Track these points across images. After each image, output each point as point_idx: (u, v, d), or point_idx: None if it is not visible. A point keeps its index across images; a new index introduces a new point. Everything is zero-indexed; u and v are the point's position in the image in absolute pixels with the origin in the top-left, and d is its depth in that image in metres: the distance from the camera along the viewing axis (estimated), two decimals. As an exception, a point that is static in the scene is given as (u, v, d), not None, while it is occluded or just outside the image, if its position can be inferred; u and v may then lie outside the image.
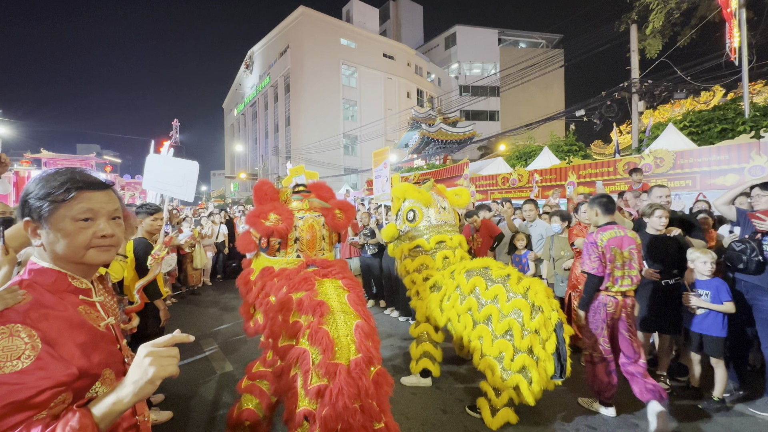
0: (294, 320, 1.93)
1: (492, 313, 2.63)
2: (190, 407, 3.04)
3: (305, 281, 2.05)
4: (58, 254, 0.86)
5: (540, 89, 37.39)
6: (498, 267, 2.90)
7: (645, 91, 11.22)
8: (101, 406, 0.74)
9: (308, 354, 1.78)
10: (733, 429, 2.66)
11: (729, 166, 6.59)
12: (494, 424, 2.59)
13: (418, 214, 3.40)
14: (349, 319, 1.89)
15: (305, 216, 2.45)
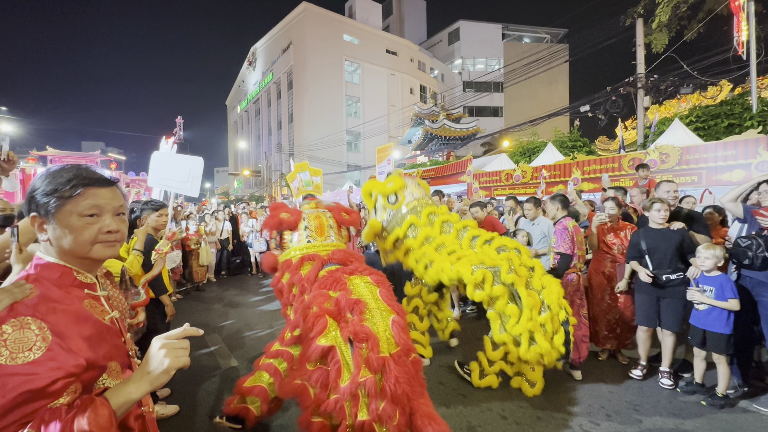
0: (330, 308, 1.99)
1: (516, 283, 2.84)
2: (195, 401, 3.08)
3: (337, 281, 2.13)
4: (64, 249, 0.88)
5: (544, 85, 37.11)
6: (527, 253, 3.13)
7: (651, 86, 11.11)
8: (118, 396, 0.77)
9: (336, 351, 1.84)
10: (736, 425, 2.65)
11: (736, 162, 6.52)
12: (481, 384, 3.14)
13: (400, 196, 3.46)
14: (385, 315, 1.99)
15: (313, 211, 2.82)
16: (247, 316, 5.45)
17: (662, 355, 3.34)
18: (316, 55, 29.70)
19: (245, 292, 6.98)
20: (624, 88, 11.53)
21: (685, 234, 3.23)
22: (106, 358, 0.86)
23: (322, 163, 22.59)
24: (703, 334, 2.93)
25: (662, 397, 3.05)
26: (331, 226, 2.77)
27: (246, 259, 8.67)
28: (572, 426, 2.67)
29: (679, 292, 3.14)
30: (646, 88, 11.07)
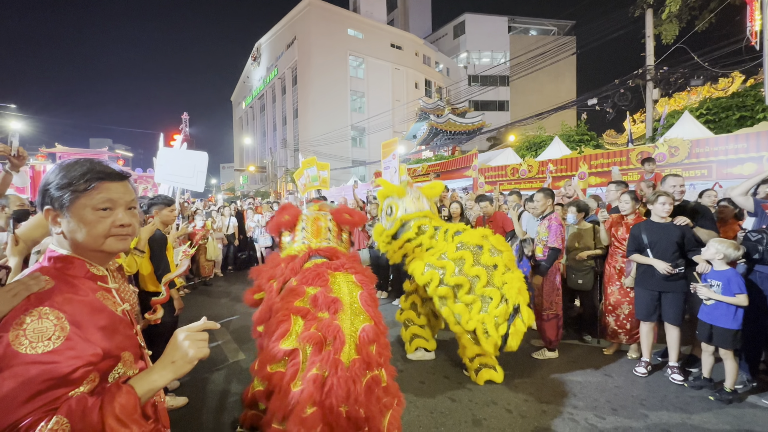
0: (301, 305, 1.96)
1: (463, 283, 3.07)
2: (204, 393, 3.13)
3: (319, 276, 2.06)
4: (77, 242, 0.89)
5: (551, 78, 36.60)
6: (488, 252, 3.14)
7: (660, 78, 10.91)
8: (143, 384, 0.81)
9: (322, 341, 1.80)
10: (744, 420, 2.64)
11: (747, 155, 6.39)
12: (479, 380, 3.18)
13: (395, 207, 3.69)
14: (357, 320, 1.93)
15: (312, 212, 2.78)
16: (254, 310, 5.49)
17: (668, 350, 3.32)
18: (320, 50, 29.58)
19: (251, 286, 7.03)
20: (633, 81, 11.34)
21: (686, 230, 3.21)
22: (120, 348, 0.88)
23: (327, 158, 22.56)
24: (710, 329, 2.90)
25: (669, 392, 3.03)
26: (330, 228, 2.71)
27: (252, 255, 8.74)
28: (577, 420, 2.67)
29: (680, 286, 3.18)
30: (656, 80, 10.89)
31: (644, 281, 3.32)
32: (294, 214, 2.69)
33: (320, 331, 1.82)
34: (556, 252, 3.60)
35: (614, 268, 3.78)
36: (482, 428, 2.59)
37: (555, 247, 3.58)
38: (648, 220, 3.39)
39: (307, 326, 1.86)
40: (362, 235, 6.52)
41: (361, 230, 6.47)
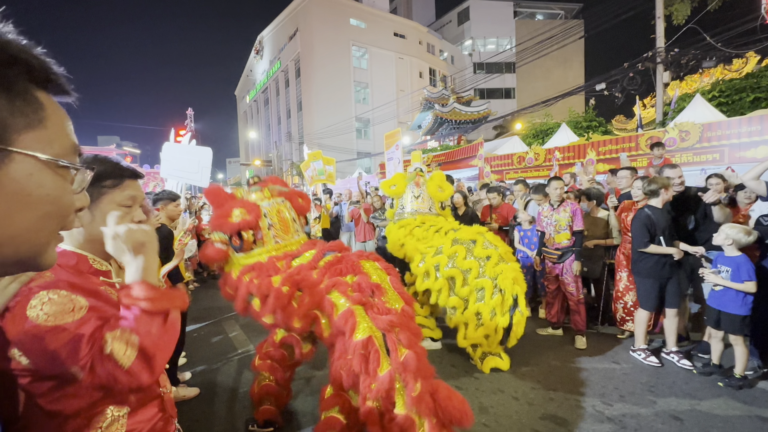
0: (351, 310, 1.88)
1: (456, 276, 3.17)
2: (215, 384, 3.19)
3: (352, 266, 2.06)
4: (93, 236, 0.89)
5: (558, 64, 35.85)
6: (481, 246, 3.23)
7: (671, 60, 10.60)
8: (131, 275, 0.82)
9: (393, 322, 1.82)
10: (755, 406, 2.61)
11: (761, 138, 6.22)
12: (484, 368, 3.21)
13: (395, 204, 3.82)
14: (394, 302, 1.96)
15: (270, 203, 2.42)
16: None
17: (667, 336, 3.34)
18: (322, 41, 29.31)
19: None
20: (642, 64, 11.05)
21: (670, 212, 3.35)
22: None
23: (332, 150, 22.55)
24: (719, 314, 2.88)
25: (678, 379, 3.02)
26: (294, 218, 2.50)
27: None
28: (585, 407, 2.67)
29: (679, 271, 3.24)
30: (666, 63, 10.58)
31: (655, 272, 3.24)
32: (253, 210, 2.27)
33: (384, 314, 1.83)
34: (582, 235, 3.69)
35: (623, 254, 3.78)
36: (489, 415, 2.61)
37: (581, 230, 3.67)
38: (651, 208, 3.29)
39: (370, 314, 1.84)
40: (368, 227, 6.54)
41: (367, 222, 6.49)
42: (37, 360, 0.72)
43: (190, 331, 4.49)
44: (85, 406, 0.79)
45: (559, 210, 3.76)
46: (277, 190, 2.51)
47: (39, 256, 0.48)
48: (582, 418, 2.55)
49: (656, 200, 3.29)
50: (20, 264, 0.47)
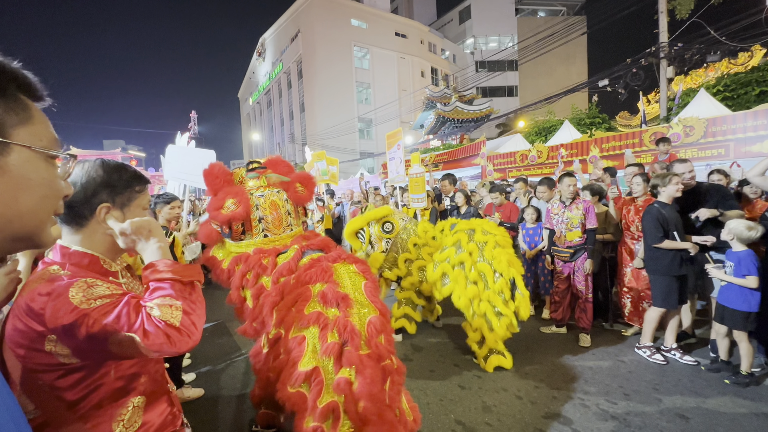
0: (312, 311, 1.84)
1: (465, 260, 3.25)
2: (219, 385, 3.22)
3: (324, 271, 1.94)
4: (104, 237, 0.93)
5: (561, 60, 35.64)
6: (480, 232, 3.33)
7: (674, 55, 10.50)
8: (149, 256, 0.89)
9: (341, 348, 1.72)
10: (761, 404, 2.58)
11: (766, 132, 6.15)
12: (488, 367, 3.20)
13: (394, 223, 3.75)
14: (364, 313, 1.85)
15: (265, 193, 2.28)
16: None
17: (668, 332, 3.32)
18: (324, 42, 29.37)
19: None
20: (646, 59, 10.95)
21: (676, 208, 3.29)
22: None
23: (335, 151, 22.58)
24: (723, 310, 2.86)
25: (684, 376, 2.99)
26: (289, 212, 2.34)
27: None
28: (588, 405, 2.66)
29: (691, 268, 3.23)
30: (670, 57, 10.48)
31: (671, 268, 3.16)
32: (244, 200, 2.17)
33: (338, 333, 1.74)
34: (595, 232, 3.69)
35: (625, 250, 3.78)
36: (492, 414, 2.60)
37: (594, 228, 3.66)
38: (662, 204, 3.24)
39: (323, 336, 1.75)
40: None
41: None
42: (81, 343, 0.75)
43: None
44: (109, 397, 0.82)
45: (572, 207, 3.72)
46: (275, 179, 2.35)
47: (40, 233, 0.58)
48: (586, 416, 2.54)
49: (662, 196, 3.26)
50: (25, 240, 0.56)
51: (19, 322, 0.76)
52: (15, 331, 0.76)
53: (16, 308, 0.78)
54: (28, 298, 0.77)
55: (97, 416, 0.81)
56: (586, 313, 3.65)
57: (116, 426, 0.83)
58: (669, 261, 3.17)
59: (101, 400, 0.81)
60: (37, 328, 0.74)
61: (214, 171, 2.29)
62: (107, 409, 0.82)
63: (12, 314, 0.78)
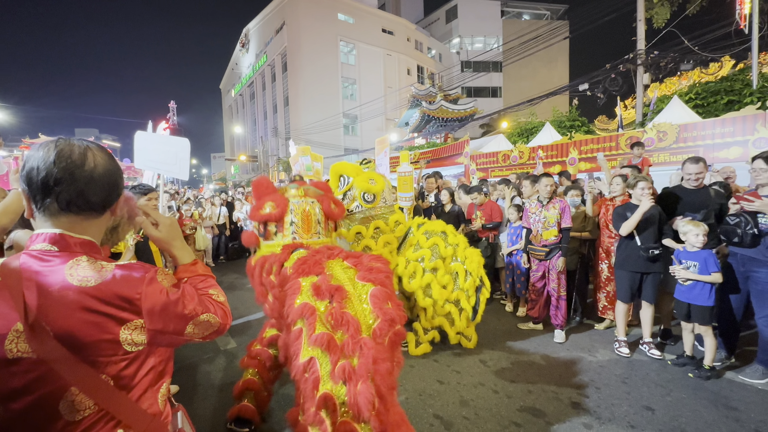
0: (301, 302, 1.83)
1: (438, 267, 3.39)
2: (195, 381, 3.15)
3: (316, 265, 1.96)
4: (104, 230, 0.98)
5: (544, 64, 36.40)
6: (452, 234, 3.50)
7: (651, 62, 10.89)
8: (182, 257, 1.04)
9: (333, 338, 1.69)
10: (722, 395, 2.73)
11: (733, 139, 6.47)
12: (417, 352, 3.44)
13: (377, 197, 3.64)
14: (363, 291, 1.84)
15: (299, 201, 2.51)
16: (246, 299, 5.51)
17: (643, 327, 3.47)
18: (310, 36, 28.96)
19: (243, 276, 7.03)
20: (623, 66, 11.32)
21: (660, 211, 3.36)
22: None
23: (319, 147, 22.37)
24: (688, 307, 3.01)
25: (651, 370, 3.12)
26: (319, 221, 2.52)
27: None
28: (561, 398, 2.74)
29: (659, 267, 3.33)
30: (646, 64, 10.87)
31: (628, 264, 3.41)
32: (281, 204, 2.44)
33: (331, 324, 1.72)
34: (569, 231, 3.79)
35: (602, 248, 3.96)
36: (469, 408, 2.65)
37: (569, 227, 3.75)
38: (629, 204, 3.49)
39: (310, 326, 1.73)
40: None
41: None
42: (167, 325, 0.83)
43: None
44: (155, 379, 0.88)
45: (548, 207, 3.82)
46: (312, 192, 2.62)
47: None
48: (558, 409, 2.62)
49: (633, 198, 3.47)
50: None
51: (90, 314, 0.76)
52: (83, 326, 0.75)
53: (82, 304, 0.75)
54: (110, 287, 0.78)
55: (147, 398, 0.86)
56: (560, 311, 3.75)
57: (161, 403, 0.91)
58: (625, 257, 3.42)
59: (149, 383, 0.87)
60: (121, 315, 0.78)
61: (262, 182, 2.64)
62: (154, 391, 0.89)
63: (69, 315, 0.75)
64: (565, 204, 3.78)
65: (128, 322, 0.79)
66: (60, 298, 0.74)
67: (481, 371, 3.17)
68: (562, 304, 3.76)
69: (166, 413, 0.94)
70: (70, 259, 0.79)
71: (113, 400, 0.79)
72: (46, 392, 0.74)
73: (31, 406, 0.73)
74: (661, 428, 2.39)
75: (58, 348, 0.73)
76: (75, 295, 0.75)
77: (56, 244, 0.81)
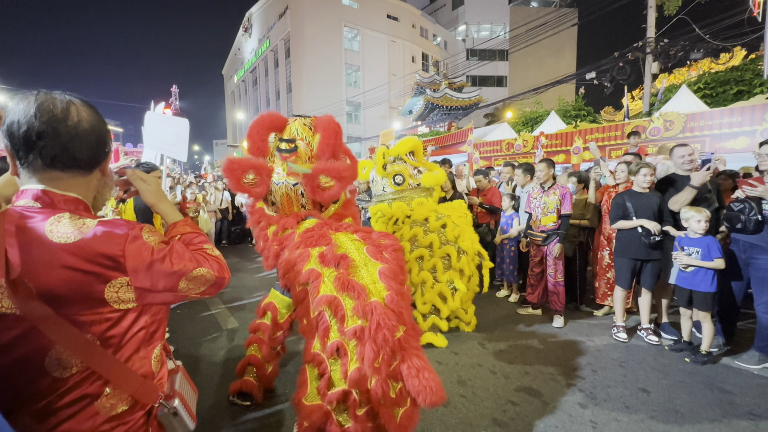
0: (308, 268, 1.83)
1: (424, 254, 3.36)
2: (198, 359, 3.20)
3: (322, 237, 1.95)
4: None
5: (551, 53, 35.76)
6: (434, 219, 3.41)
7: (660, 51, 10.68)
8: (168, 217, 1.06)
9: (340, 300, 1.71)
10: (717, 380, 2.76)
11: (741, 129, 6.38)
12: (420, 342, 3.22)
13: (405, 179, 3.61)
14: (372, 268, 1.85)
15: (280, 183, 2.24)
16: (247, 281, 5.56)
17: (641, 314, 3.50)
18: (314, 21, 28.51)
19: (245, 260, 7.09)
20: (632, 54, 11.11)
21: (661, 198, 3.35)
22: None
23: (322, 134, 22.17)
24: (690, 294, 3.01)
25: (648, 355, 3.15)
26: (303, 205, 2.37)
27: (246, 229, 8.74)
28: (558, 379, 2.78)
29: (658, 254, 3.32)
30: (655, 53, 10.66)
31: (627, 251, 3.41)
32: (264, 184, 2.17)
33: (335, 288, 1.74)
34: (569, 218, 3.75)
35: (603, 235, 3.97)
36: (467, 388, 2.69)
37: (568, 214, 3.71)
38: (629, 191, 3.49)
39: (315, 288, 1.76)
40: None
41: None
42: (156, 283, 0.81)
43: (173, 308, 4.46)
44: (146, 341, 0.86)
45: (549, 192, 3.80)
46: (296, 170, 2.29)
47: None
48: (555, 389, 2.65)
49: (635, 185, 3.47)
50: None
51: (71, 272, 0.73)
52: (65, 284, 0.73)
53: (61, 261, 0.73)
54: (90, 245, 0.75)
55: (138, 359, 0.85)
56: (558, 296, 3.77)
57: (154, 364, 0.90)
58: (625, 244, 3.42)
59: (140, 344, 0.85)
60: (105, 273, 0.76)
61: (265, 122, 2.19)
62: (146, 352, 0.87)
63: (49, 272, 0.73)
64: (566, 190, 3.76)
65: (112, 280, 0.76)
66: (40, 255, 0.73)
67: (480, 353, 3.21)
68: (560, 289, 3.77)
69: (160, 375, 0.93)
70: (52, 216, 0.77)
71: (99, 360, 0.77)
72: (31, 349, 0.73)
73: (17, 361, 0.73)
74: (655, 409, 2.43)
75: (41, 306, 0.72)
76: (55, 253, 0.73)
77: (39, 201, 0.78)
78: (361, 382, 1.61)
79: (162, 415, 0.92)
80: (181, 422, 0.94)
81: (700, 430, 2.23)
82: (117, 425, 0.82)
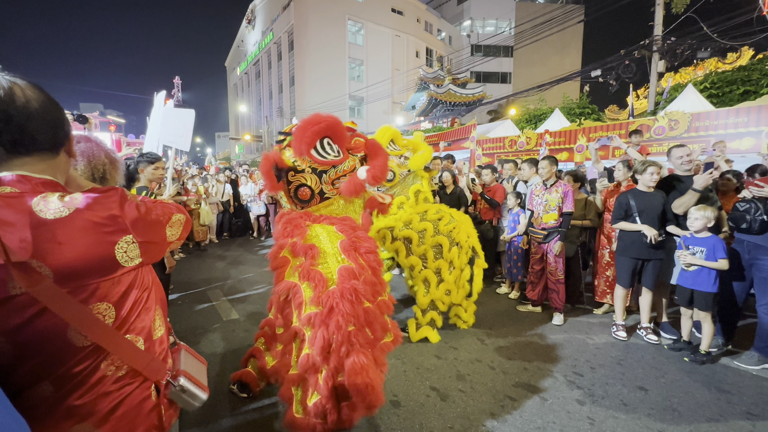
0: (283, 256, 2.07)
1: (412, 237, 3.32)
2: (198, 350, 3.22)
3: (297, 228, 2.13)
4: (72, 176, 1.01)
5: (556, 50, 35.42)
6: (433, 212, 3.42)
7: (667, 49, 10.57)
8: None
9: (299, 288, 1.92)
10: (715, 379, 2.77)
11: (746, 129, 6.32)
12: (416, 337, 3.34)
13: (395, 172, 3.62)
14: (339, 262, 2.00)
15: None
16: (248, 274, 5.58)
17: (642, 313, 3.50)
18: (318, 13, 28.28)
19: (246, 252, 7.11)
20: (638, 52, 11.00)
21: (665, 197, 3.34)
22: None
23: (324, 128, 22.10)
24: (691, 293, 3.01)
25: (647, 354, 3.16)
26: None
27: (247, 221, 8.76)
28: (556, 376, 2.79)
29: (660, 254, 3.31)
30: (662, 51, 10.55)
31: (629, 250, 3.39)
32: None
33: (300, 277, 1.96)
34: (570, 216, 3.74)
35: (604, 234, 3.97)
36: (465, 382, 2.70)
37: (570, 212, 3.70)
38: (634, 190, 3.46)
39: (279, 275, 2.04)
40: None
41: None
42: (151, 232, 0.86)
43: (174, 299, 4.49)
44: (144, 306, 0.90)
45: (551, 190, 3.79)
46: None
47: None
48: (553, 385, 2.66)
49: (639, 184, 3.45)
50: None
51: (82, 242, 0.75)
52: (78, 256, 0.74)
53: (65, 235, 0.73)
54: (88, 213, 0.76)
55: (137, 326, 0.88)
56: (558, 294, 3.77)
57: (154, 330, 0.94)
58: (627, 243, 3.40)
59: (140, 311, 0.89)
60: (112, 235, 0.78)
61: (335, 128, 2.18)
62: (145, 315, 0.91)
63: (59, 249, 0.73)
64: (568, 188, 3.75)
65: (119, 241, 0.79)
66: (42, 234, 0.72)
67: (479, 348, 3.22)
68: (561, 287, 3.77)
69: (163, 348, 0.98)
70: (34, 198, 0.75)
71: (103, 335, 0.80)
72: (54, 323, 0.74)
73: (41, 335, 0.74)
74: (653, 407, 2.44)
75: (51, 287, 0.72)
76: (55, 229, 0.72)
77: (16, 186, 0.77)
78: (311, 369, 1.82)
79: (172, 393, 0.96)
80: (192, 395, 0.99)
81: (697, 428, 2.24)
82: (124, 385, 0.86)
